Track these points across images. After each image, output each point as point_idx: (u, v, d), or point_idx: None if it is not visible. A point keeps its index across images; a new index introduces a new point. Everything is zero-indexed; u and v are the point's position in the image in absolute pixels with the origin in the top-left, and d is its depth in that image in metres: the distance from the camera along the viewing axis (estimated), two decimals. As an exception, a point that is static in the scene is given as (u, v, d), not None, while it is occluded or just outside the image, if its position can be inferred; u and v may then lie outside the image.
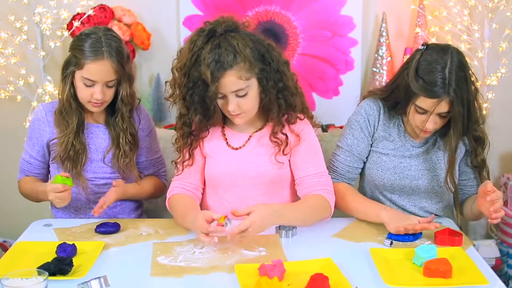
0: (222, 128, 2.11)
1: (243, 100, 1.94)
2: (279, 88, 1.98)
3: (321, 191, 2.02)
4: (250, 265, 1.70)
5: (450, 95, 1.91)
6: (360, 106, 2.17)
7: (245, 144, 2.08)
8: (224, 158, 2.08)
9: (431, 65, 1.93)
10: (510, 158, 3.37)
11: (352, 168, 2.17)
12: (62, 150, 2.14)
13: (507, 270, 3.11)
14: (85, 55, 2.04)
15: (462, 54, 1.98)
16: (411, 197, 2.14)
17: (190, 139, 2.07)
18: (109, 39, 2.06)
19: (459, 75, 1.92)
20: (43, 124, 2.19)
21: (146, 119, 2.29)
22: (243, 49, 1.89)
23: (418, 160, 2.10)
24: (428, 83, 1.92)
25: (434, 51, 1.96)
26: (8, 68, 3.18)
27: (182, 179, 2.12)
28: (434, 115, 1.96)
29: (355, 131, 2.14)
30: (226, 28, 1.92)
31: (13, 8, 3.15)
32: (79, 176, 2.16)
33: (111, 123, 2.18)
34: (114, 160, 2.19)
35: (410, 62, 2.01)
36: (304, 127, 2.08)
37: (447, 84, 1.90)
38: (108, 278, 1.57)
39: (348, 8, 3.23)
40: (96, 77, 2.05)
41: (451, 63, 1.92)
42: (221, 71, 1.87)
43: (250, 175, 2.06)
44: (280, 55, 2.01)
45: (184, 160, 2.09)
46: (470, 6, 3.12)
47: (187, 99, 1.96)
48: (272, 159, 2.05)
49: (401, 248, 1.86)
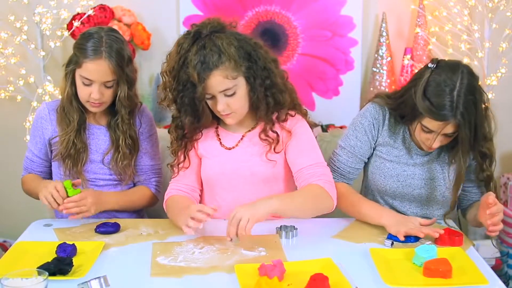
0: (216, 129, 2.12)
1: (231, 100, 1.95)
2: (266, 85, 1.98)
3: (318, 181, 1.98)
4: (250, 265, 1.70)
5: (457, 118, 1.87)
6: (366, 108, 2.14)
7: (238, 144, 2.08)
8: (218, 158, 2.08)
9: (439, 86, 1.88)
10: (510, 158, 3.37)
11: (353, 169, 2.16)
12: (63, 148, 2.14)
13: (507, 270, 3.11)
14: (84, 54, 2.04)
15: (473, 74, 1.92)
16: (412, 204, 2.12)
17: (184, 142, 2.08)
18: (110, 40, 2.07)
19: (468, 98, 1.87)
20: (46, 122, 2.20)
21: (147, 122, 2.27)
22: (227, 48, 1.90)
23: (422, 169, 2.08)
24: (435, 106, 1.88)
25: (444, 71, 1.90)
26: (8, 68, 3.18)
27: (179, 181, 2.12)
28: (441, 135, 1.94)
29: (359, 133, 2.12)
30: (212, 29, 1.93)
31: (13, 8, 3.15)
32: (79, 175, 2.17)
33: (112, 125, 2.18)
34: (113, 162, 2.19)
35: (418, 79, 1.95)
36: (297, 122, 2.07)
37: (454, 108, 1.86)
38: (108, 278, 1.57)
39: (348, 8, 3.23)
40: (93, 77, 2.05)
41: (460, 85, 1.87)
42: (207, 71, 1.88)
43: (244, 174, 2.06)
44: (267, 53, 2.01)
45: (179, 162, 2.10)
46: (470, 6, 3.12)
47: (178, 101, 1.98)
48: (264, 158, 2.05)
49: (401, 248, 1.86)
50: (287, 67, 3.31)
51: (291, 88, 2.08)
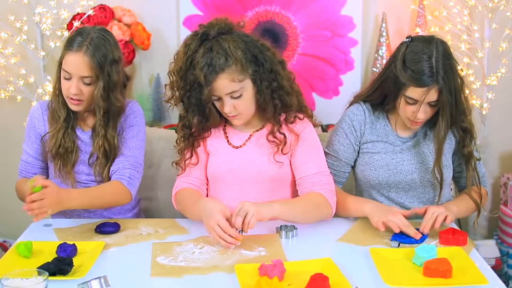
0: (224, 127, 2.12)
1: (238, 102, 1.95)
2: (273, 88, 1.99)
3: (320, 190, 2.02)
4: (250, 265, 1.70)
5: (439, 83, 1.95)
6: (344, 113, 2.22)
7: (246, 143, 2.09)
8: (225, 156, 2.09)
9: (417, 55, 1.97)
10: (510, 158, 3.37)
11: (339, 172, 2.21)
12: (53, 145, 2.14)
13: (507, 270, 3.11)
14: (68, 47, 2.07)
15: (446, 44, 2.02)
16: (408, 193, 2.15)
17: (191, 140, 2.08)
18: (97, 38, 2.07)
19: (445, 63, 1.96)
20: (38, 122, 2.20)
21: (133, 114, 2.19)
22: (234, 52, 1.90)
23: (409, 154, 2.13)
24: (416, 72, 1.96)
25: (419, 42, 2.01)
26: (8, 68, 3.18)
27: (187, 175, 2.12)
28: (424, 104, 1.99)
29: (341, 138, 2.18)
30: (219, 31, 1.94)
31: (13, 8, 3.15)
32: (68, 175, 2.16)
33: (96, 129, 2.15)
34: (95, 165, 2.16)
35: (396, 55, 2.05)
36: (305, 127, 2.09)
37: (435, 73, 1.94)
38: (108, 278, 1.57)
39: (348, 8, 3.23)
40: (71, 69, 2.05)
41: (437, 52, 1.97)
42: (213, 74, 1.89)
43: (251, 173, 2.07)
44: (274, 54, 2.02)
45: (186, 159, 2.10)
46: (470, 6, 3.12)
47: (185, 101, 1.99)
48: (272, 159, 2.05)
49: (401, 248, 1.86)
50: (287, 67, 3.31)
51: (297, 90, 2.10)
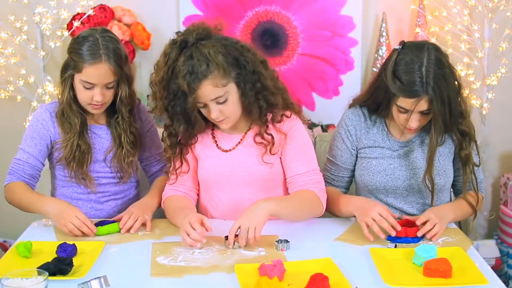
0: (212, 131, 2.11)
1: (224, 106, 1.94)
2: (257, 89, 1.97)
3: (312, 187, 2.02)
4: (250, 265, 1.70)
5: (429, 93, 1.91)
6: (342, 117, 2.20)
7: (235, 147, 2.08)
8: (216, 160, 2.08)
9: (407, 65, 1.93)
10: (510, 158, 3.37)
11: (338, 177, 2.21)
12: (67, 152, 2.13)
13: (507, 270, 3.11)
14: (83, 59, 2.03)
15: (439, 50, 1.97)
16: (407, 199, 2.13)
17: (178, 148, 2.08)
18: (106, 41, 2.06)
19: (436, 72, 1.92)
20: (46, 125, 2.17)
21: (145, 116, 2.29)
22: (215, 57, 1.88)
23: (407, 160, 2.11)
24: (405, 83, 1.92)
25: (410, 50, 1.96)
26: (8, 68, 3.18)
27: (174, 182, 2.12)
28: (416, 113, 1.96)
29: (338, 143, 2.18)
30: (197, 36, 1.91)
31: (13, 8, 3.15)
32: (85, 175, 2.17)
33: (113, 123, 2.19)
34: (115, 159, 2.19)
35: (387, 63, 2.01)
36: (293, 125, 2.07)
37: (424, 83, 1.91)
38: (108, 278, 1.57)
39: (348, 8, 3.23)
40: (95, 80, 2.04)
41: (428, 61, 1.92)
42: (197, 82, 1.88)
43: (242, 176, 2.06)
44: (255, 55, 2.00)
45: (176, 168, 2.10)
46: (470, 6, 3.12)
47: (170, 110, 1.97)
48: (261, 160, 2.05)
49: (401, 248, 1.86)
50: (287, 67, 3.31)
51: (282, 88, 2.07)
